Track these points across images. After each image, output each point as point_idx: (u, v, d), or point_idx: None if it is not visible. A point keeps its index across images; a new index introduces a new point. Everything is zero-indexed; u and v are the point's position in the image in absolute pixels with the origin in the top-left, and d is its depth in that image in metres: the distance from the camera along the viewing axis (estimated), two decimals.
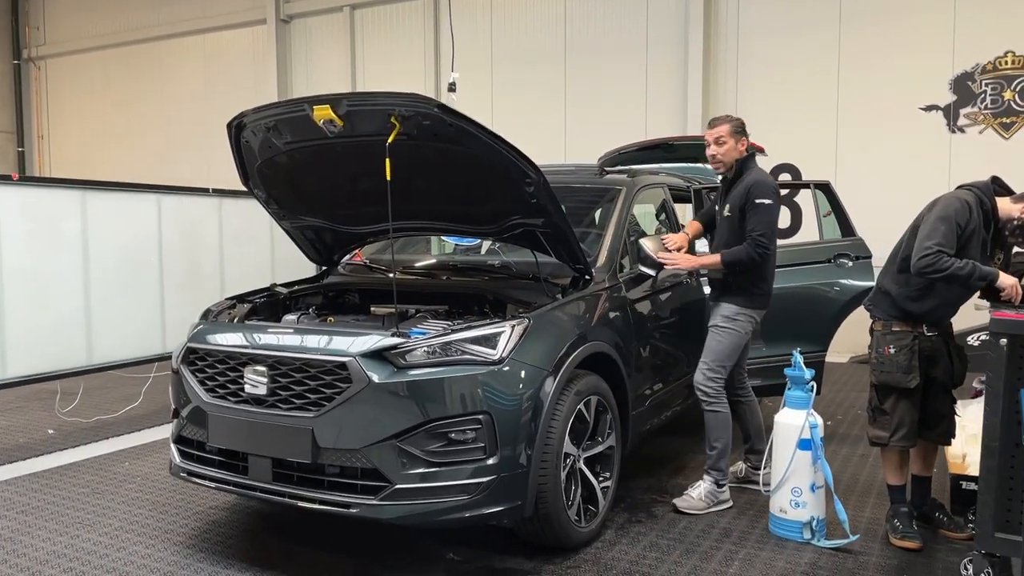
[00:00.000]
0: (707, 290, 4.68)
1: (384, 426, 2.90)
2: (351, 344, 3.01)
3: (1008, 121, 7.88)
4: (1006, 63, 7.82)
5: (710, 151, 3.95)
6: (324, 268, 4.53)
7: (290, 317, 3.90)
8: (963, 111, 8.07)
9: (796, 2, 8.75)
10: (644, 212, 5.20)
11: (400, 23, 11.35)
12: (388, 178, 3.20)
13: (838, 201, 5.37)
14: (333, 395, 2.97)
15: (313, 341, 3.10)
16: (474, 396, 2.95)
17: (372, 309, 4.06)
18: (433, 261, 4.46)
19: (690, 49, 9.23)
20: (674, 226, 5.00)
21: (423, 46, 11.09)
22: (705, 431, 4.02)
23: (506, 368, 3.02)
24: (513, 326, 3.10)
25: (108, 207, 5.73)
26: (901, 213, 8.13)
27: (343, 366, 2.95)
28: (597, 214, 4.49)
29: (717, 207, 4.18)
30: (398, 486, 2.88)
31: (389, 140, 3.20)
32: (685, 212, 5.93)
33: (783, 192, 8.56)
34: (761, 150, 6.40)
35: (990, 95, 7.92)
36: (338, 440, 2.94)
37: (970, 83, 8.01)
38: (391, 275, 4.16)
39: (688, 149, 6.95)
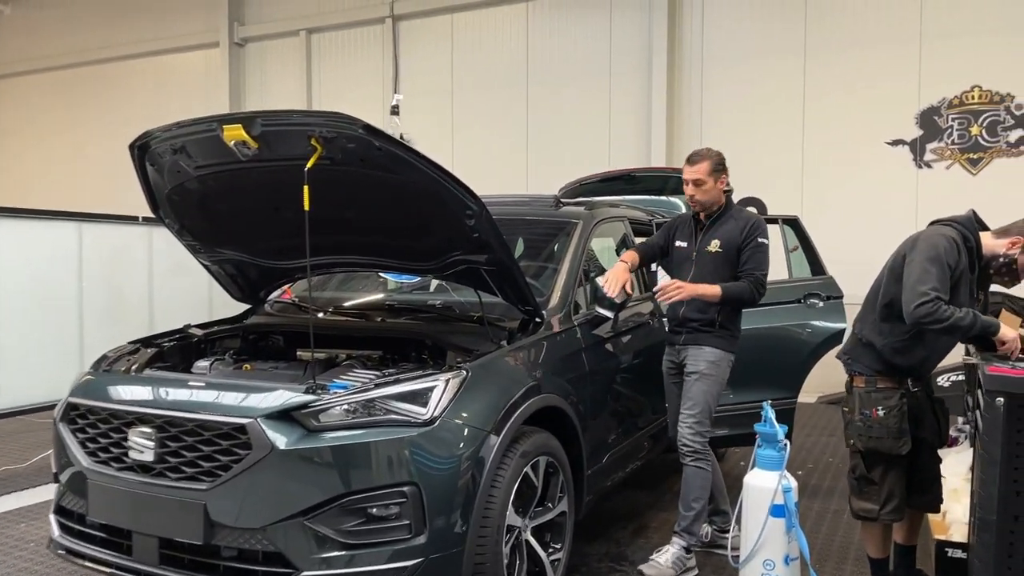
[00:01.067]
0: None
1: (290, 501, 2.46)
2: (253, 402, 2.57)
3: (975, 157, 7.73)
4: (973, 98, 7.69)
5: (689, 191, 3.67)
6: (249, 307, 4.09)
7: (202, 364, 3.44)
8: (929, 146, 7.91)
9: (761, 31, 8.59)
10: (605, 247, 4.85)
11: (357, 48, 11.02)
12: (307, 208, 2.80)
13: (807, 237, 5.08)
14: (231, 463, 2.52)
15: (209, 398, 2.65)
16: (399, 464, 2.52)
17: (298, 354, 3.63)
18: (369, 299, 4.04)
19: (654, 78, 9.01)
20: None
21: (380, 71, 10.76)
22: (682, 488, 3.63)
23: (438, 429, 2.60)
24: (447, 379, 2.69)
25: (20, 235, 5.22)
26: (868, 249, 7.93)
27: (242, 429, 2.51)
28: (552, 249, 4.12)
29: (680, 243, 3.83)
30: (306, 573, 2.43)
31: (308, 165, 2.80)
32: None
33: None
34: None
35: (957, 130, 7.78)
36: (236, 517, 2.49)
37: (936, 118, 7.86)
38: (319, 315, 3.74)
39: (651, 181, 6.71)
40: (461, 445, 2.64)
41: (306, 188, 2.79)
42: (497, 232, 2.98)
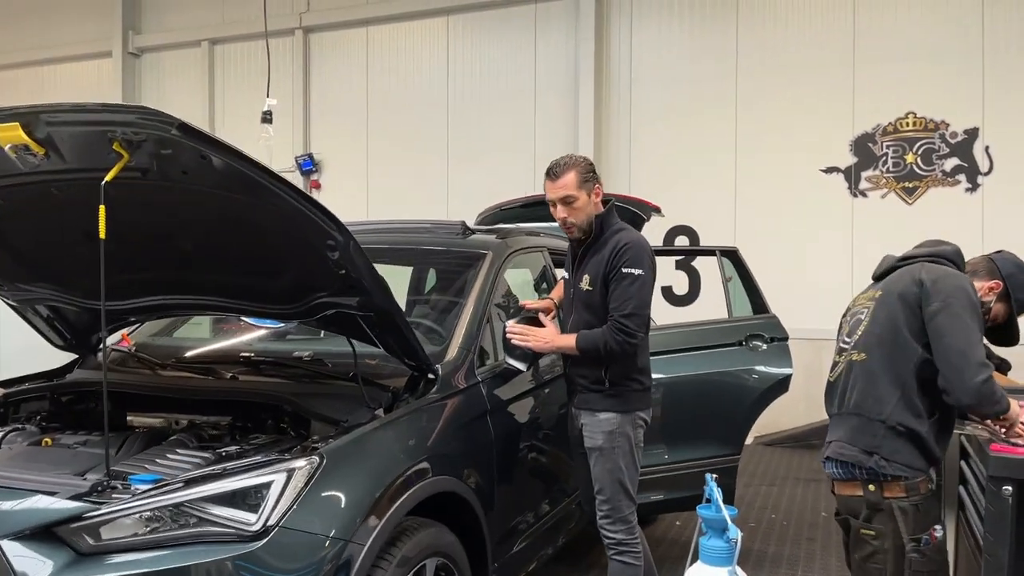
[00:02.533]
0: None
1: None
2: None
3: (911, 186, 7.44)
4: (907, 124, 7.42)
5: (559, 215, 2.88)
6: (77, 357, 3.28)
7: None
8: (864, 174, 7.60)
9: (691, 55, 8.19)
10: (523, 280, 4.21)
11: (265, 61, 10.18)
12: (102, 235, 2.06)
13: (747, 271, 4.55)
14: None
15: None
16: None
17: (129, 420, 2.84)
18: (222, 349, 3.27)
19: (580, 99, 8.50)
20: None
21: (291, 87, 9.96)
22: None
23: (274, 544, 1.88)
24: (289, 471, 1.97)
25: None
26: (802, 281, 7.62)
27: None
28: (456, 286, 3.45)
29: (564, 275, 3.16)
30: None
31: (107, 178, 2.07)
32: None
33: (681, 259, 7.88)
34: (657, 209, 5.59)
35: (892, 158, 7.48)
36: None
37: (871, 145, 7.56)
38: (156, 371, 2.97)
39: None
40: (308, 565, 1.91)
41: (102, 209, 2.07)
42: (370, 270, 2.29)
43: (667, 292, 7.92)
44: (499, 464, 2.84)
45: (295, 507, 1.93)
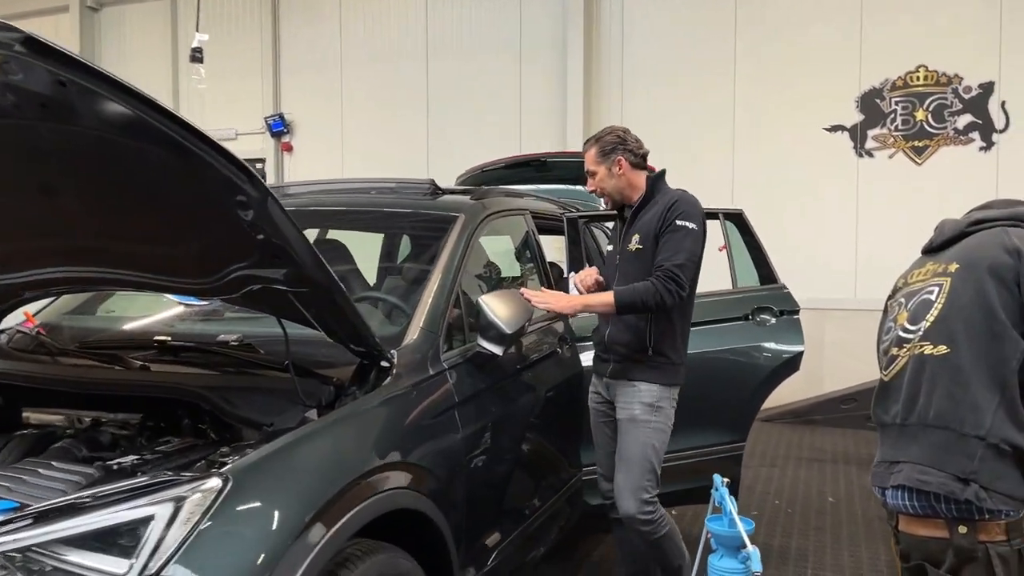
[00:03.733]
0: (585, 361, 3.28)
1: None
2: None
3: (920, 145, 6.95)
4: (918, 79, 6.91)
5: (590, 186, 3.06)
6: None
7: None
8: (871, 133, 7.10)
9: (686, 6, 7.62)
10: (503, 248, 3.73)
11: (233, 16, 9.55)
12: None
13: (754, 236, 4.07)
14: None
15: None
16: None
17: (25, 417, 2.36)
18: (137, 331, 2.77)
19: (569, 50, 7.92)
20: (540, 267, 3.55)
21: (259, 42, 9.34)
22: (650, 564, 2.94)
23: None
24: (177, 503, 1.49)
25: None
26: (805, 247, 7.15)
27: None
28: (422, 256, 2.96)
29: (609, 247, 3.13)
30: None
31: None
32: (560, 247, 4.52)
33: None
34: (652, 171, 5.13)
35: (900, 115, 6.98)
36: None
37: (879, 101, 7.05)
38: (58, 359, 2.48)
39: (567, 168, 5.68)
40: None
41: None
42: (298, 235, 1.79)
43: None
44: (469, 468, 2.37)
45: (185, 549, 1.45)
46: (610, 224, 5.05)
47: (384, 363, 2.20)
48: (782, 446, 6.18)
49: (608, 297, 2.74)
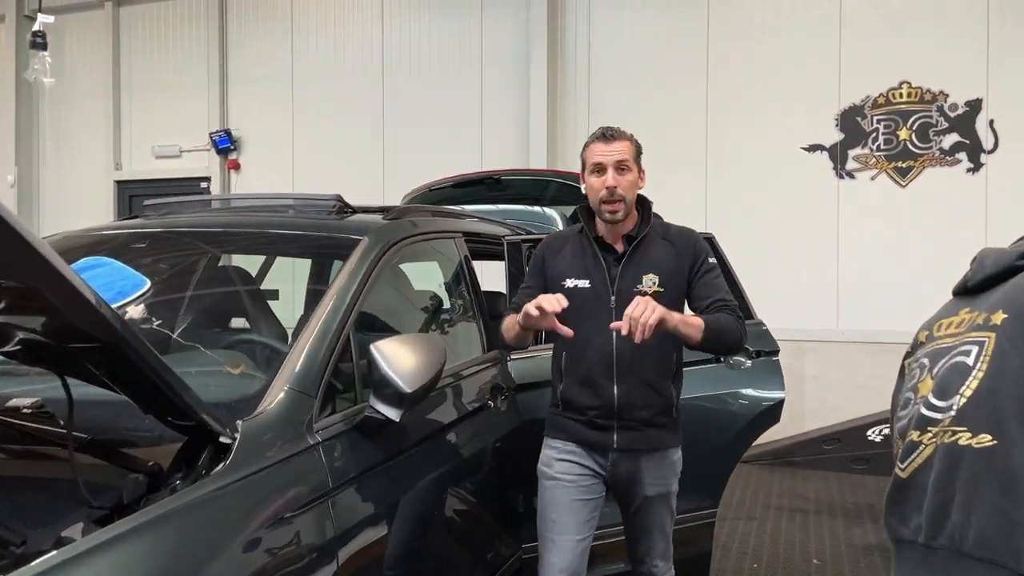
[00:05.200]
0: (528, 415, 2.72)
1: None
2: None
3: (904, 165, 6.51)
4: (901, 96, 6.48)
5: (608, 183, 2.37)
6: None
7: None
8: (852, 152, 6.65)
9: (657, 19, 7.17)
10: (432, 281, 3.15)
11: (177, 26, 9.00)
12: None
13: (725, 263, 3.54)
14: None
15: None
16: None
17: None
18: None
19: (532, 67, 7.45)
20: (471, 299, 2.98)
21: (205, 55, 8.78)
22: None
23: None
24: None
25: None
26: (782, 275, 6.65)
27: None
28: (310, 290, 2.39)
29: (577, 281, 2.42)
30: None
31: None
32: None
33: None
34: None
35: (883, 134, 6.54)
36: None
37: (860, 119, 6.61)
38: None
39: (525, 186, 5.27)
40: None
41: None
42: (57, 272, 1.21)
43: None
44: None
45: None
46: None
47: (225, 439, 1.61)
48: (761, 493, 5.64)
49: (697, 320, 2.28)
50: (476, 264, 3.08)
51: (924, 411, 1.29)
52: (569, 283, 2.41)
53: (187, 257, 2.52)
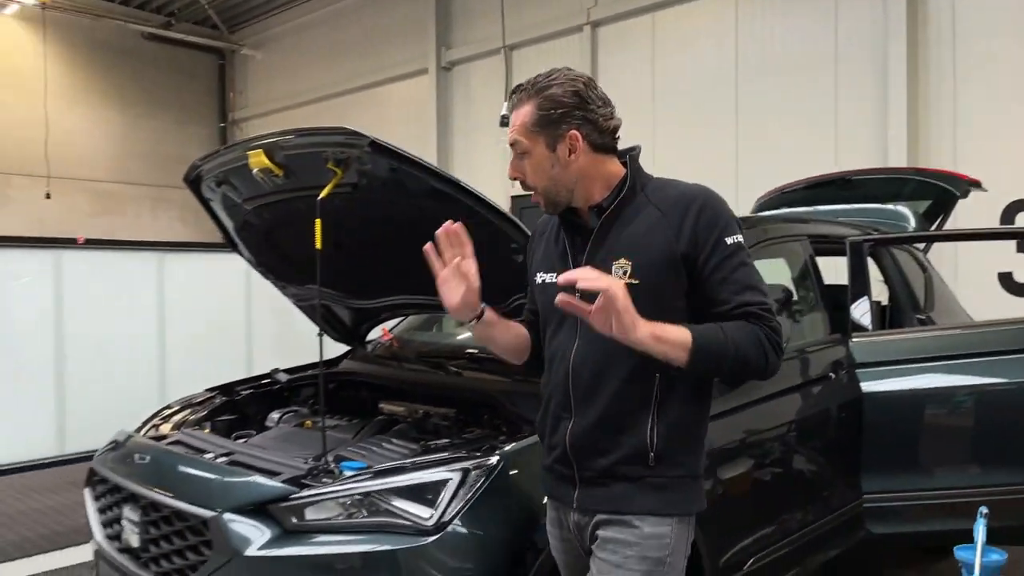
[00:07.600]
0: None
1: None
2: (223, 490, 2.10)
3: None
4: None
5: (509, 174, 1.78)
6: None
7: (274, 416, 3.11)
8: None
9: None
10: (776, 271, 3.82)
11: (555, 59, 10.56)
12: (318, 245, 2.31)
13: None
14: (198, 564, 2.07)
15: (186, 481, 2.22)
16: None
17: (381, 407, 3.16)
18: (456, 345, 3.46)
19: (891, 63, 7.48)
20: (815, 291, 3.58)
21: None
22: None
23: (446, 542, 1.95)
24: (464, 472, 2.02)
25: (186, 269, 5.38)
26: None
27: (206, 524, 2.05)
28: None
29: (544, 276, 1.82)
30: None
31: (323, 194, 2.31)
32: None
33: None
34: (976, 184, 4.74)
35: None
36: None
37: None
38: (403, 364, 3.25)
39: (877, 185, 5.47)
40: (478, 565, 1.95)
41: (318, 222, 2.32)
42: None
43: (1006, 279, 6.69)
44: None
45: (470, 506, 1.98)
46: (921, 245, 4.79)
47: None
48: None
49: (682, 335, 1.55)
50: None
51: None
52: (539, 278, 1.83)
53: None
